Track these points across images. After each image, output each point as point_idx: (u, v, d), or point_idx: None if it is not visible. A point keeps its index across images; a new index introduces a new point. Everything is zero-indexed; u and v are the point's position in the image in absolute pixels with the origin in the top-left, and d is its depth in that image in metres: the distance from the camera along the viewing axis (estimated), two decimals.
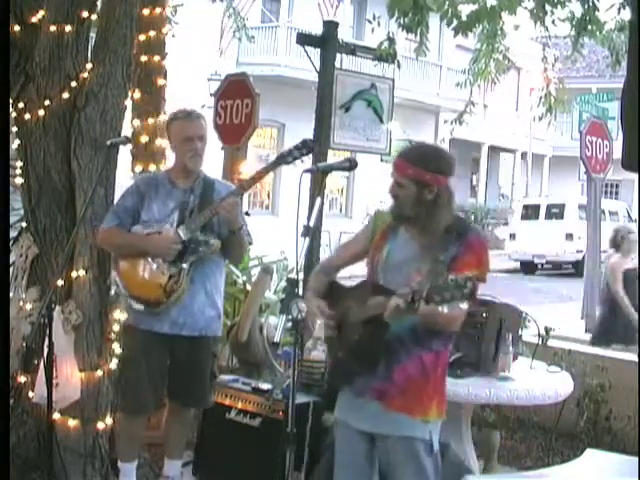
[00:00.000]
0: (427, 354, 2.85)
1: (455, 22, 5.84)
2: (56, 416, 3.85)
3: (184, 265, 3.74)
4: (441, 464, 3.38)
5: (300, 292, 2.76)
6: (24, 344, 3.99)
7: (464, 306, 2.57)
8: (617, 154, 3.92)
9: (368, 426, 2.92)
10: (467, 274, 2.51)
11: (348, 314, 2.93)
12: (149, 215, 3.82)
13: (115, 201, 4.10)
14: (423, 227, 2.87)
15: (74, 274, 4.08)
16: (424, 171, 2.82)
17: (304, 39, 6.63)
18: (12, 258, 4.16)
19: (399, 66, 6.48)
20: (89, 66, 4.21)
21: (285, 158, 3.56)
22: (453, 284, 2.47)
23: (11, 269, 4.15)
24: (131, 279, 3.80)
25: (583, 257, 12.18)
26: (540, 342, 4.71)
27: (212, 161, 3.93)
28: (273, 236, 8.13)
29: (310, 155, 3.95)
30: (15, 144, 4.26)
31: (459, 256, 2.79)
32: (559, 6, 6.11)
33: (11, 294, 4.09)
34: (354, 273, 3.11)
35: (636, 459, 2.98)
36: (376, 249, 3.00)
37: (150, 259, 3.78)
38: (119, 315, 4.26)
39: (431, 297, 2.51)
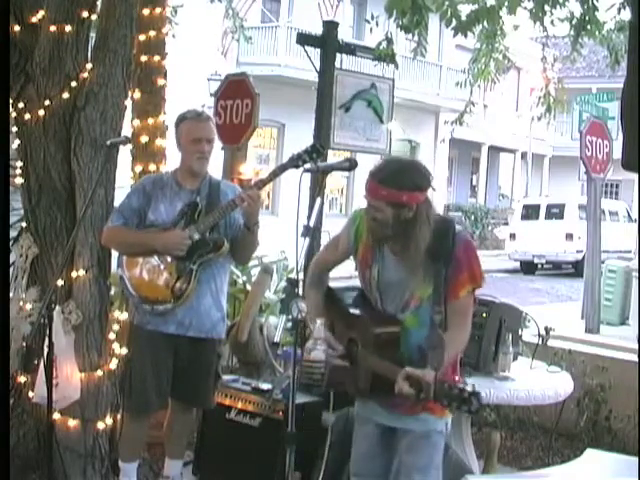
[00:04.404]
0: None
1: (454, 22, 5.84)
2: (56, 416, 3.84)
3: (193, 266, 3.72)
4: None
5: (300, 292, 2.76)
6: (24, 344, 3.98)
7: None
8: (617, 154, 3.92)
9: (393, 424, 2.96)
10: (473, 389, 2.47)
11: (358, 354, 2.90)
12: (156, 215, 3.80)
13: (117, 201, 4.10)
14: (405, 246, 2.77)
15: (74, 274, 4.07)
16: (399, 191, 2.69)
17: (304, 39, 6.61)
18: (12, 258, 4.16)
19: (397, 66, 6.47)
20: (89, 66, 4.21)
21: (295, 162, 3.49)
22: (458, 395, 2.47)
23: (11, 269, 4.15)
24: (139, 279, 3.78)
25: (583, 257, 12.16)
26: (540, 342, 4.70)
27: (212, 161, 3.92)
28: (273, 236, 8.12)
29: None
30: (15, 144, 4.25)
31: (451, 278, 2.76)
32: (558, 6, 6.12)
33: (11, 294, 4.09)
34: (353, 274, 3.09)
35: (636, 459, 2.97)
36: (364, 265, 2.93)
37: (158, 258, 3.76)
38: (119, 315, 4.27)
39: (440, 399, 2.54)
